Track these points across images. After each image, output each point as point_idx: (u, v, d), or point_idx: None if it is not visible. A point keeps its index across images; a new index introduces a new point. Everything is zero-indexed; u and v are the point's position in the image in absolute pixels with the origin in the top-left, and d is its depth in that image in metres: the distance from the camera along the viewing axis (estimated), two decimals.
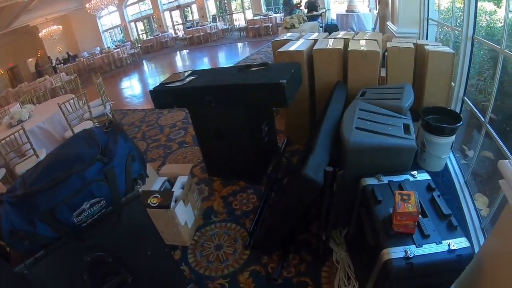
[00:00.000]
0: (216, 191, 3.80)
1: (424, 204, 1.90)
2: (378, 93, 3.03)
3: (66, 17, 26.66)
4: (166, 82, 3.61)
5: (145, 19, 25.73)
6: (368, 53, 3.38)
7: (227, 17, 21.49)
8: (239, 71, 3.49)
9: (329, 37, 4.31)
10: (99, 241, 1.65)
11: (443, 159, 3.36)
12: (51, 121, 5.78)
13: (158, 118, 6.82)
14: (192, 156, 4.79)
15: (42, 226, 1.39)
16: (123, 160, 1.57)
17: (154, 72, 14.84)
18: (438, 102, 3.50)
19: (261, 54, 11.26)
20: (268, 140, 3.83)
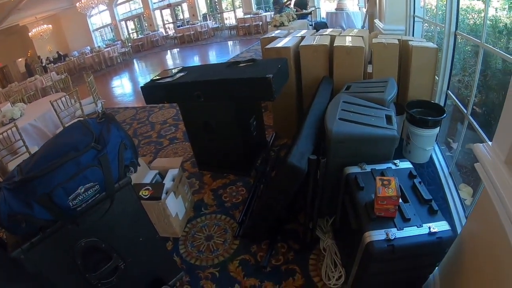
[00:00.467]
0: (206, 185, 3.87)
1: (405, 190, 1.98)
2: (362, 87, 3.10)
3: (56, 16, 26.51)
4: (157, 78, 3.67)
5: (136, 18, 25.67)
6: (352, 49, 3.46)
7: (218, 15, 21.51)
8: (228, 67, 3.56)
9: (316, 34, 4.39)
10: (92, 226, 1.72)
11: (428, 151, 3.44)
12: (43, 119, 5.83)
13: (149, 115, 6.88)
14: (183, 151, 4.85)
15: (39, 209, 1.47)
16: (116, 147, 1.66)
17: (145, 70, 14.84)
18: (423, 96, 3.58)
19: (251, 52, 11.40)
20: (256, 134, 3.91)
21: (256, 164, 3.88)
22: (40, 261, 1.62)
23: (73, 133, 1.70)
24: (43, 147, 1.75)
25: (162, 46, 20.88)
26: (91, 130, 1.67)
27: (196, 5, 21.32)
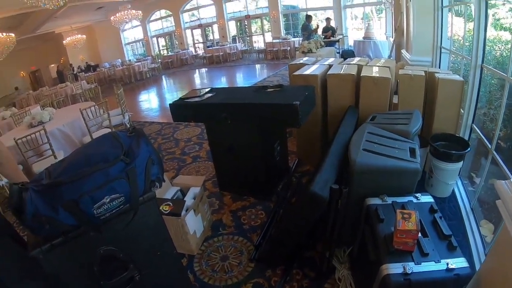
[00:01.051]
0: (226, 205, 3.88)
1: (425, 224, 1.97)
2: (387, 118, 3.11)
3: (91, 27, 27.34)
4: (186, 97, 3.76)
5: (167, 36, 26.22)
6: (379, 80, 3.48)
7: (247, 38, 21.87)
8: (255, 91, 3.63)
9: (343, 63, 4.42)
10: (113, 235, 1.75)
11: (450, 185, 3.40)
12: (71, 125, 6.00)
13: (174, 132, 6.96)
14: (205, 170, 4.89)
15: (64, 214, 1.51)
16: (143, 162, 1.70)
17: (172, 87, 15.11)
18: (447, 128, 3.56)
19: (278, 76, 11.43)
20: (279, 159, 3.93)
21: (277, 189, 3.88)
22: (58, 263, 1.65)
23: (104, 144, 1.75)
24: (73, 154, 1.81)
25: (191, 64, 21.24)
26: (121, 142, 1.72)
27: (226, 27, 21.70)
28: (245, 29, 22.19)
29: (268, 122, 3.32)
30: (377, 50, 11.40)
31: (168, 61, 21.86)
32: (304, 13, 17.45)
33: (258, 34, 21.66)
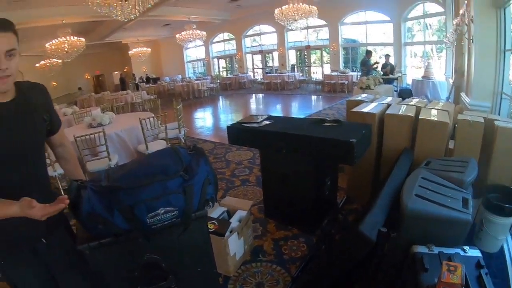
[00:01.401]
0: (269, 233, 3.90)
1: (470, 279, 1.93)
2: (442, 164, 3.06)
3: (156, 42, 28.42)
4: (244, 121, 3.85)
5: (228, 58, 26.76)
6: (437, 124, 3.44)
7: (306, 68, 21.91)
8: (313, 124, 3.67)
9: (402, 103, 4.41)
10: (159, 245, 1.83)
11: (500, 240, 3.27)
12: (129, 132, 6.30)
13: (226, 153, 7.09)
14: (252, 195, 4.92)
15: (119, 217, 1.61)
16: (201, 180, 1.78)
17: (228, 109, 15.42)
18: (503, 180, 3.43)
19: (334, 110, 11.35)
20: (328, 194, 3.91)
21: (322, 223, 3.86)
22: (102, 262, 1.74)
23: (165, 157, 1.83)
24: (134, 162, 1.95)
25: (248, 88, 21.58)
26: (181, 158, 1.80)
27: (286, 55, 21.93)
28: (305, 59, 22.26)
29: (323, 156, 3.34)
30: (435, 90, 11.13)
31: (226, 82, 22.40)
32: (364, 47, 17.60)
33: (316, 65, 21.66)
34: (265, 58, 24.26)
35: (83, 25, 17.85)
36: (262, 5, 18.65)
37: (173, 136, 6.84)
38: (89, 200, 1.59)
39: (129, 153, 6.32)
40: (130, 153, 6.32)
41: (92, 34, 21.23)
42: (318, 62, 21.67)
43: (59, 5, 13.68)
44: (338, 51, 18.95)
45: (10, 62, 1.54)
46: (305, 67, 22.07)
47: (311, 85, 19.15)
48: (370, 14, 17.45)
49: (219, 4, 18.74)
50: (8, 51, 1.52)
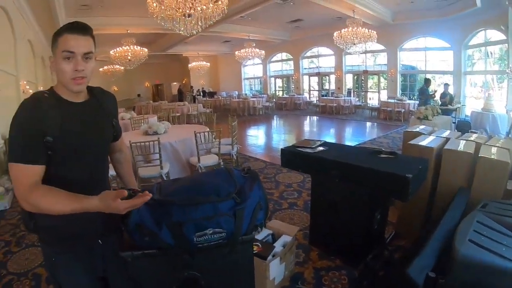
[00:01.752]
0: (311, 261, 3.81)
1: None
2: (500, 208, 2.90)
3: (215, 57, 29.18)
4: (298, 145, 3.84)
5: (285, 78, 26.97)
6: (497, 163, 3.29)
7: (362, 93, 21.60)
8: (368, 154, 3.60)
9: (461, 137, 4.26)
10: (201, 263, 1.82)
11: None
12: (182, 143, 6.45)
13: (276, 173, 7.07)
14: (299, 220, 4.84)
15: (166, 233, 1.63)
16: (252, 205, 1.76)
17: (281, 129, 15.44)
18: None
19: (389, 139, 11.06)
20: (377, 227, 3.81)
21: (367, 258, 3.77)
22: (143, 271, 1.76)
23: (218, 177, 1.84)
24: (188, 179, 1.97)
25: (303, 110, 21.53)
26: (235, 180, 1.81)
27: (343, 79, 21.74)
28: (361, 84, 21.98)
29: (376, 189, 3.24)
30: (495, 124, 10.57)
31: (282, 102, 22.48)
32: (422, 75, 17.18)
33: (373, 91, 21.33)
34: (322, 80, 24.21)
35: (146, 36, 18.69)
36: (321, 27, 18.81)
37: (226, 152, 6.89)
38: (138, 211, 1.61)
39: (181, 163, 6.44)
40: (182, 163, 6.45)
41: (154, 45, 22.07)
42: (375, 87, 21.34)
43: (125, 16, 14.47)
44: (396, 78, 18.56)
45: (87, 64, 1.65)
46: (362, 92, 21.76)
47: (366, 111, 18.79)
48: (430, 40, 17.01)
49: (279, 24, 18.98)
50: (85, 53, 1.63)
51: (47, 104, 1.61)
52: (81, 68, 1.61)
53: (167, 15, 8.07)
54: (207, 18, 8.16)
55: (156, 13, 8.16)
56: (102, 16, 14.01)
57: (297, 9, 14.92)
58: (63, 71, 1.61)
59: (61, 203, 1.48)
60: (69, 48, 1.59)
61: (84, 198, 1.50)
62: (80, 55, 1.61)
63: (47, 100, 1.62)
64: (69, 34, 1.60)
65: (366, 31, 13.51)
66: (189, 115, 17.05)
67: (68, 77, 1.62)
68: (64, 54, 1.59)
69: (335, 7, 13.32)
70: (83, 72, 1.63)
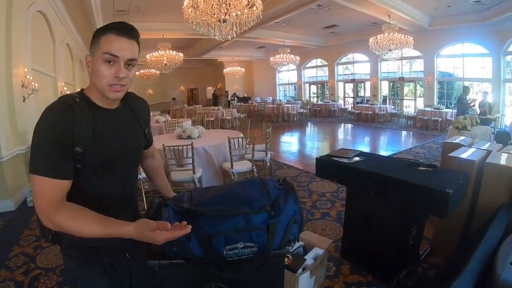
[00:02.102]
0: (342, 274, 3.72)
1: None
2: None
3: (250, 62, 29.40)
4: (334, 155, 3.75)
5: (319, 84, 26.91)
6: None
7: (398, 101, 21.21)
8: (406, 167, 3.45)
9: (503, 150, 4.07)
10: (229, 275, 1.77)
11: None
12: (216, 148, 6.45)
13: (310, 182, 6.98)
14: (331, 231, 4.74)
15: (195, 244, 1.55)
16: (287, 219, 1.66)
17: (315, 136, 15.37)
18: None
19: (425, 149, 10.72)
20: (411, 244, 3.67)
21: (399, 275, 3.64)
22: (169, 281, 1.73)
23: (252, 188, 1.74)
24: (220, 188, 1.86)
25: (337, 117, 21.35)
26: (269, 192, 1.69)
27: (379, 86, 21.43)
28: (397, 91, 21.62)
29: (413, 203, 3.13)
30: None
31: (316, 109, 22.40)
32: (460, 82, 16.68)
33: (409, 99, 20.90)
34: (357, 87, 24.00)
35: (182, 41, 18.97)
36: (357, 33, 18.75)
37: (259, 158, 6.83)
38: (168, 219, 1.53)
39: (214, 169, 6.43)
40: (214, 169, 6.44)
41: (190, 50, 22.39)
42: (411, 95, 20.94)
43: (161, 21, 14.80)
44: (433, 85, 18.09)
45: (129, 72, 1.54)
46: (398, 100, 21.38)
47: (402, 119, 18.40)
48: (468, 46, 16.49)
49: (314, 30, 18.94)
50: (129, 60, 1.51)
51: (79, 110, 1.45)
52: (122, 75, 1.49)
53: (202, 20, 8.18)
54: (242, 23, 8.25)
55: (192, 19, 8.29)
56: (139, 21, 14.29)
57: (332, 14, 14.87)
58: (101, 75, 1.47)
59: (90, 227, 1.37)
60: (113, 51, 1.45)
61: (117, 224, 1.40)
62: (123, 61, 1.48)
63: (78, 106, 1.46)
64: (115, 36, 1.46)
65: (402, 37, 13.35)
66: (223, 120, 17.20)
67: (105, 82, 1.48)
68: (105, 56, 1.45)
69: (370, 12, 13.23)
70: (124, 80, 1.51)
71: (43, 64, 8.85)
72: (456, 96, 15.68)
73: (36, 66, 8.02)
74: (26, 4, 7.24)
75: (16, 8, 6.41)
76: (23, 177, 6.55)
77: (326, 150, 11.46)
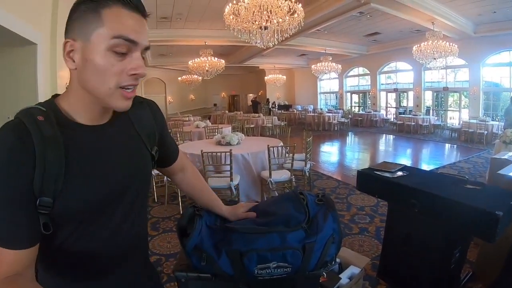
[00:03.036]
0: None
1: None
2: None
3: (291, 70, 29.66)
4: (376, 168, 3.59)
5: (361, 93, 26.63)
6: None
7: (442, 112, 20.53)
8: (453, 184, 3.24)
9: None
10: None
11: None
12: (255, 156, 6.39)
13: (349, 194, 6.79)
14: (369, 248, 4.52)
15: (225, 261, 1.45)
16: (324, 239, 1.53)
17: (356, 146, 15.08)
18: None
19: (470, 164, 10.22)
20: (453, 267, 3.44)
21: None
22: None
23: (288, 204, 1.63)
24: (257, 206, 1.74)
25: (379, 128, 20.98)
26: (306, 208, 1.59)
27: (422, 96, 20.84)
28: (441, 102, 20.96)
29: (458, 224, 2.92)
30: None
31: (358, 118, 22.20)
32: (507, 93, 15.90)
33: (453, 110, 20.13)
34: (400, 97, 23.51)
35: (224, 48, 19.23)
36: (400, 41, 18.39)
37: (298, 168, 6.68)
38: (200, 232, 1.48)
39: (252, 176, 6.39)
40: (252, 176, 6.39)
41: (231, 57, 22.65)
42: (455, 106, 20.16)
43: (203, 28, 14.99)
44: (479, 95, 17.21)
45: None
46: (441, 111, 20.67)
47: (446, 131, 17.64)
48: None
49: (356, 38, 18.73)
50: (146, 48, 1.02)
51: (41, 136, 0.92)
52: (143, 71, 1.00)
53: (243, 27, 8.25)
54: (283, 30, 8.27)
55: (233, 26, 8.36)
56: (181, 28, 14.67)
57: (374, 22, 14.68)
58: (107, 73, 0.96)
59: None
60: (130, 33, 0.94)
61: None
62: (140, 50, 1.00)
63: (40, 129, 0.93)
64: (125, 10, 0.95)
65: (447, 44, 12.95)
66: (264, 127, 17.22)
67: (114, 84, 0.97)
68: (116, 42, 0.93)
69: (413, 19, 12.87)
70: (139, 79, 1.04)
71: None
72: (502, 108, 15.07)
73: None
74: None
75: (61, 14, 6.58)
76: None
77: (367, 161, 11.32)
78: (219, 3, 10.67)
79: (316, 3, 11.79)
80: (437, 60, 13.47)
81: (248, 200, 6.03)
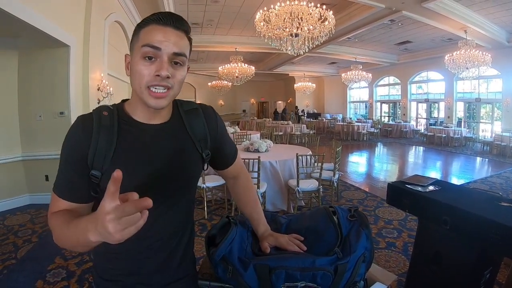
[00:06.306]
0: None
1: None
2: None
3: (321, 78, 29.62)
4: (407, 181, 3.48)
5: (391, 103, 26.28)
6: None
7: (473, 124, 19.90)
8: (487, 201, 3.11)
9: None
10: None
11: None
12: (283, 164, 6.37)
13: (377, 207, 6.64)
14: (395, 263, 4.38)
15: (252, 274, 1.41)
16: (356, 258, 1.49)
17: (384, 157, 14.85)
18: None
19: (502, 179, 9.85)
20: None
21: None
22: None
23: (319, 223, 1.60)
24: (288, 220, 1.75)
25: (409, 139, 20.56)
26: (338, 227, 1.54)
27: (454, 107, 20.29)
28: (473, 114, 20.37)
29: (491, 244, 2.76)
30: None
31: (387, 129, 21.80)
32: None
33: (486, 122, 19.47)
34: (431, 108, 23.04)
35: (254, 54, 19.32)
36: (431, 50, 18.09)
37: (326, 178, 6.57)
38: (230, 243, 1.46)
39: (279, 185, 6.34)
40: (280, 185, 6.35)
41: (261, 64, 22.76)
42: (487, 118, 19.47)
43: (233, 35, 15.18)
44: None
45: (175, 71, 1.19)
46: (473, 122, 20.06)
47: (477, 144, 17.07)
48: None
49: (386, 47, 18.53)
50: (175, 54, 1.17)
51: (99, 124, 1.20)
52: (165, 73, 1.14)
53: (274, 34, 8.30)
54: (314, 38, 8.29)
55: (264, 32, 8.43)
56: (211, 34, 14.86)
57: (405, 30, 14.51)
58: (139, 75, 1.16)
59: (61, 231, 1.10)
60: (154, 42, 1.14)
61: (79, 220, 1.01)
62: (167, 55, 1.15)
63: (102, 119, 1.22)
64: (158, 25, 1.16)
65: (480, 54, 12.62)
66: (292, 135, 17.19)
67: (144, 83, 1.16)
68: (144, 50, 1.15)
69: (445, 28, 12.61)
70: (167, 80, 1.16)
71: (119, 70, 9.36)
72: None
73: (112, 72, 8.58)
74: (103, 15, 7.74)
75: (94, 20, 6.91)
76: None
77: (396, 173, 11.17)
78: (249, 10, 10.78)
79: (347, 10, 11.76)
80: (469, 70, 13.13)
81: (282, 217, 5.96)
